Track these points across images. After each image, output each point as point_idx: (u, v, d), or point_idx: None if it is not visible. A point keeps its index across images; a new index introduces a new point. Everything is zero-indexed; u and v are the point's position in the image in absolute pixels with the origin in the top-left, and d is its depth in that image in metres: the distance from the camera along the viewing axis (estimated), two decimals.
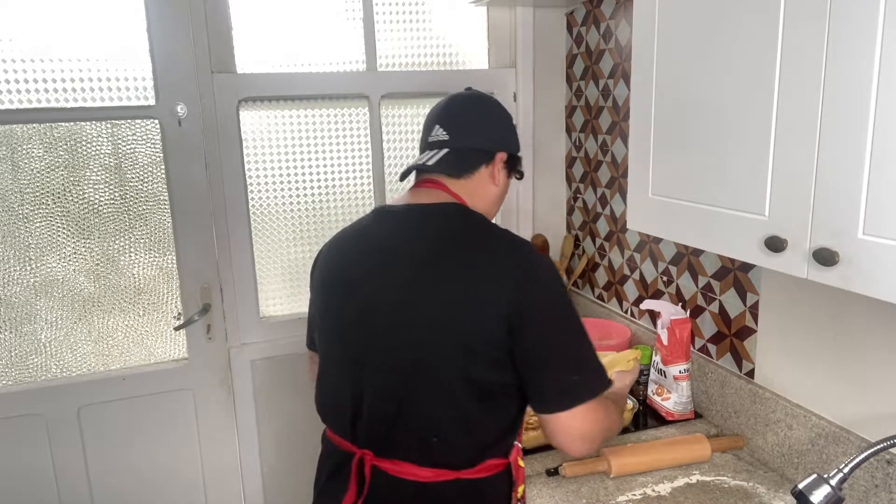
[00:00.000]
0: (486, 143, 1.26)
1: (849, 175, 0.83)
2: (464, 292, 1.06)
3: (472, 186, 1.24)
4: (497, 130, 1.28)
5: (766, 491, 1.32)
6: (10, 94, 1.71)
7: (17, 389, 1.85)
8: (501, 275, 1.06)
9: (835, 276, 0.87)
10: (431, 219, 1.18)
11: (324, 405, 1.26)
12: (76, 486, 1.94)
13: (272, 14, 1.91)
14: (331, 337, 1.22)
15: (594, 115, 2.06)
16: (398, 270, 1.12)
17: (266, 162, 1.98)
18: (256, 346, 2.04)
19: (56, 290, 1.85)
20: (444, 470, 1.09)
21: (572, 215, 2.27)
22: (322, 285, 1.26)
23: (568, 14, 2.16)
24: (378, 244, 1.19)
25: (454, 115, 1.26)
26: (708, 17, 1.06)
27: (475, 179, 1.25)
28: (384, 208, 1.26)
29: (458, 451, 1.10)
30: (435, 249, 1.11)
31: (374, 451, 1.13)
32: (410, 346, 1.08)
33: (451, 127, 1.25)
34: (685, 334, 1.57)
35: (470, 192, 1.24)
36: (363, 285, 1.15)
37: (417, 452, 1.10)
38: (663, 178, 1.20)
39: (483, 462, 1.12)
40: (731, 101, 1.02)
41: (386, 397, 1.10)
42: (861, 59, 0.80)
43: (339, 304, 1.19)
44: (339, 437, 1.20)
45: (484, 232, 1.15)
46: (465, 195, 1.23)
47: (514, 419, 1.14)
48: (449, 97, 1.29)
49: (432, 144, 1.26)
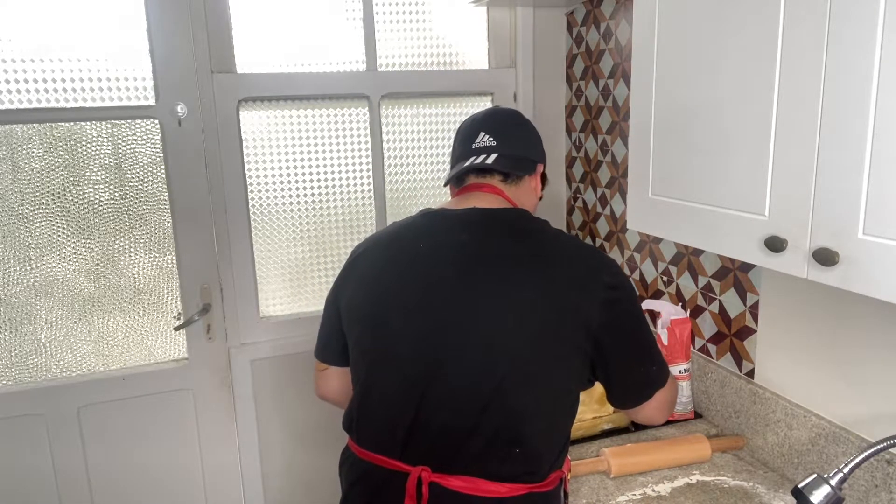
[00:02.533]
0: (530, 153, 1.28)
1: (849, 175, 0.83)
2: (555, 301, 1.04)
3: (521, 193, 1.25)
4: (537, 144, 1.31)
5: (766, 491, 1.32)
6: (10, 94, 1.71)
7: (17, 389, 1.85)
8: (589, 284, 1.06)
9: (835, 276, 0.87)
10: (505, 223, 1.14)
11: (366, 419, 1.14)
12: (76, 486, 1.94)
13: (272, 14, 1.91)
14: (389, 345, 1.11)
15: (594, 115, 2.06)
16: (478, 278, 1.06)
17: (266, 162, 1.98)
18: (256, 346, 2.04)
19: (56, 290, 1.85)
20: (519, 484, 1.05)
21: (572, 215, 2.27)
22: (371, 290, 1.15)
23: (568, 14, 2.16)
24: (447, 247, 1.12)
25: (500, 123, 1.26)
26: (708, 16, 1.06)
27: (523, 186, 1.26)
28: (438, 211, 1.20)
29: (538, 462, 1.07)
30: (519, 256, 1.08)
31: (432, 467, 1.05)
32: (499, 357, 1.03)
33: (498, 135, 1.23)
34: (685, 334, 1.57)
35: (519, 198, 1.24)
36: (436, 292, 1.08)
37: (496, 466, 1.04)
38: (663, 178, 1.21)
39: (551, 474, 1.10)
40: (731, 101, 1.02)
41: (462, 410, 1.04)
42: (861, 59, 0.80)
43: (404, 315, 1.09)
44: (378, 455, 1.10)
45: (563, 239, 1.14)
46: (516, 201, 1.23)
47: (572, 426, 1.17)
48: (489, 110, 1.31)
49: (478, 150, 1.22)
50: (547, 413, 1.06)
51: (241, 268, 1.98)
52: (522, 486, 1.05)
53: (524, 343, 1.03)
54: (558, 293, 1.05)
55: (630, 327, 1.11)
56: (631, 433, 1.56)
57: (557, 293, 1.05)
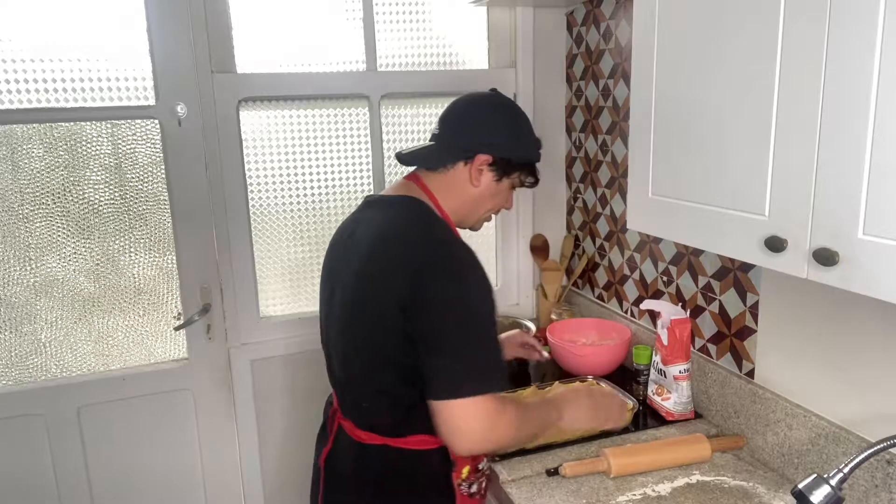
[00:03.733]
0: (470, 143, 1.27)
1: (849, 175, 0.83)
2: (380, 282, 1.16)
3: (447, 182, 1.29)
4: (492, 134, 1.28)
5: (766, 491, 1.32)
6: (10, 94, 1.71)
7: (17, 389, 1.85)
8: (405, 266, 1.14)
9: (835, 276, 0.87)
10: (384, 210, 1.28)
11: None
12: (76, 486, 1.94)
13: (272, 14, 1.91)
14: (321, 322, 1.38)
15: (594, 115, 2.06)
16: (349, 261, 1.25)
17: (266, 162, 1.98)
18: (256, 346, 2.04)
19: (56, 290, 1.85)
20: (374, 434, 1.23)
21: (572, 215, 2.27)
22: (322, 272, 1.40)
23: (568, 14, 2.16)
24: (346, 234, 1.31)
25: (454, 112, 1.31)
26: (708, 16, 1.06)
27: (450, 175, 1.29)
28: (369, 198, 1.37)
29: (381, 419, 1.23)
30: (373, 239, 1.22)
31: (341, 411, 1.31)
32: (348, 329, 1.23)
33: (445, 123, 1.31)
34: (685, 334, 1.57)
35: (443, 187, 1.29)
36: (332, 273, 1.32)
37: (358, 416, 1.26)
38: (663, 178, 1.20)
39: (413, 436, 1.22)
40: (731, 101, 1.02)
41: (342, 369, 1.28)
42: (861, 59, 0.80)
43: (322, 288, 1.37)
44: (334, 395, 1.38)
45: (411, 226, 1.22)
46: (438, 190, 1.29)
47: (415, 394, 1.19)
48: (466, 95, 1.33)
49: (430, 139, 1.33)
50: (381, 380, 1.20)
51: (241, 268, 1.98)
52: (378, 437, 1.23)
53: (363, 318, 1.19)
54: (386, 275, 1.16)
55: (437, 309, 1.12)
56: (631, 433, 1.56)
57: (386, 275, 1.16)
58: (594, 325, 2.01)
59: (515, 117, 1.31)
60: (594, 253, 2.15)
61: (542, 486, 1.36)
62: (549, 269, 2.24)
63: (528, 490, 1.34)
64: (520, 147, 1.31)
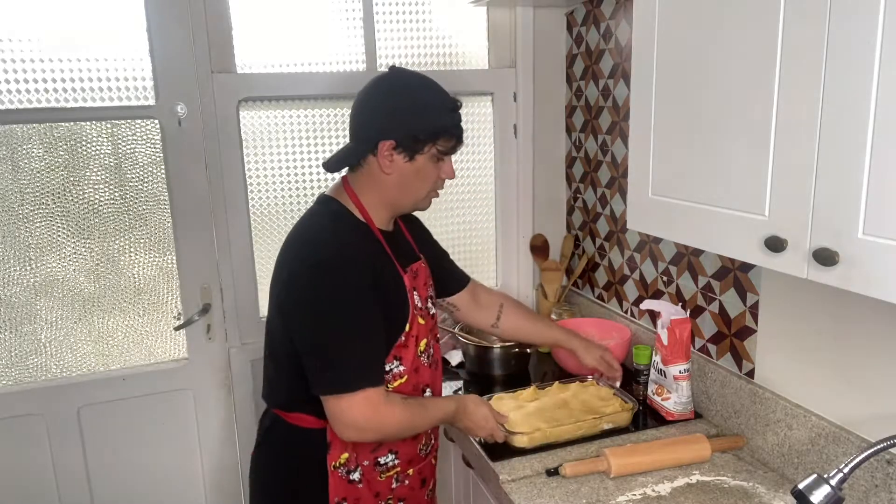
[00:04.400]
0: (369, 133, 1.26)
1: (849, 175, 0.83)
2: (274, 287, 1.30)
3: (366, 178, 1.31)
4: (388, 117, 1.25)
5: (766, 491, 1.32)
6: (10, 94, 1.71)
7: (17, 389, 1.85)
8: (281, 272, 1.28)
9: (835, 276, 0.87)
10: (304, 214, 1.38)
11: None
12: (76, 486, 1.94)
13: (272, 14, 1.91)
14: None
15: (594, 115, 2.06)
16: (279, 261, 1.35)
17: (266, 162, 1.98)
18: (256, 346, 2.03)
19: (56, 290, 1.85)
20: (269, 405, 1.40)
21: (572, 215, 2.27)
22: None
23: (568, 14, 2.16)
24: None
25: (355, 107, 1.31)
26: (708, 16, 1.06)
27: (367, 170, 1.31)
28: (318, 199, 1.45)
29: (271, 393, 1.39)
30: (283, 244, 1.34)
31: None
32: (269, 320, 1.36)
33: (351, 119, 1.32)
34: (685, 334, 1.57)
35: (363, 183, 1.32)
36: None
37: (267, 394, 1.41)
38: (663, 178, 1.20)
39: (295, 411, 1.33)
40: (731, 101, 1.02)
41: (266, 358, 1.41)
42: (861, 59, 0.80)
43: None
44: None
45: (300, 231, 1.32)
46: (360, 187, 1.32)
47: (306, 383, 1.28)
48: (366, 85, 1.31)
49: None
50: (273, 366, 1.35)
51: (241, 268, 1.98)
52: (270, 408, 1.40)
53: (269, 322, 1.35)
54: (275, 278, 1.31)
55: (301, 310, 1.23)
56: (631, 433, 1.56)
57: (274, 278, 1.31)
58: (594, 325, 2.01)
59: (412, 92, 1.26)
60: (594, 253, 2.15)
61: (542, 486, 1.36)
62: (549, 269, 2.24)
63: (527, 490, 1.34)
64: (423, 120, 1.25)
